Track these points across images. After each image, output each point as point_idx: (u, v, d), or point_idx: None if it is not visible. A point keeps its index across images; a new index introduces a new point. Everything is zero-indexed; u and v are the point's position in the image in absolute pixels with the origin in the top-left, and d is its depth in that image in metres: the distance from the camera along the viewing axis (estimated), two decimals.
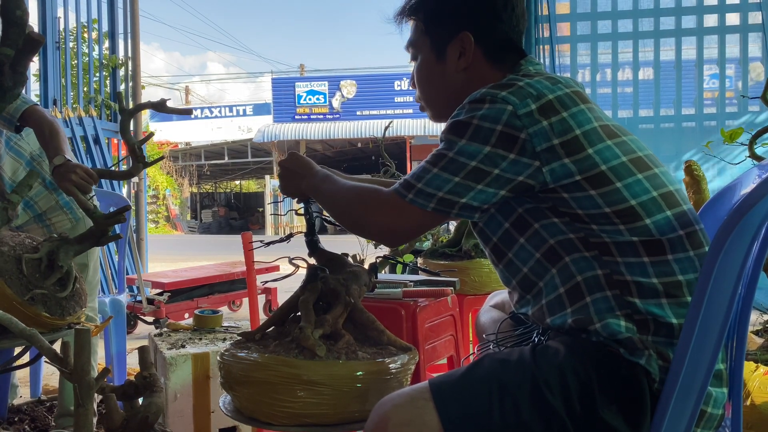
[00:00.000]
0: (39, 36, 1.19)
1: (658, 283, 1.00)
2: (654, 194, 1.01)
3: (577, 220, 1.02)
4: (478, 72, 1.19)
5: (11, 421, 2.32)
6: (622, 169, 1.01)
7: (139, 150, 1.63)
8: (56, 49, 4.70)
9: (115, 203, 2.81)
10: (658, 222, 1.00)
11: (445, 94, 1.23)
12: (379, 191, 1.12)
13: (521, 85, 1.03)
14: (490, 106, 1.02)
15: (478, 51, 1.18)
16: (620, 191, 1.00)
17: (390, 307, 1.73)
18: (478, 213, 1.06)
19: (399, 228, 1.10)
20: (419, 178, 1.05)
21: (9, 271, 1.35)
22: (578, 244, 1.03)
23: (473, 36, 1.17)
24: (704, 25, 4.11)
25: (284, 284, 1.61)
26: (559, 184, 1.01)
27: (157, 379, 1.27)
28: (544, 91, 1.02)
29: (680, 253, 1.01)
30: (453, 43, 1.19)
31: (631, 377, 0.97)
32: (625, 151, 1.03)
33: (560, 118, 1.00)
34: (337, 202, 1.20)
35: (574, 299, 1.03)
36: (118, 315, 2.65)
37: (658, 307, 0.99)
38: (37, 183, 2.15)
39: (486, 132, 1.01)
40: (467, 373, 1.01)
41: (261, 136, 18.06)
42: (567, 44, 4.23)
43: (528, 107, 1.00)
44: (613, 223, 1.00)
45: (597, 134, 1.01)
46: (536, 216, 1.06)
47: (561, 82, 1.06)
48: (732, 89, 4.25)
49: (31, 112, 1.95)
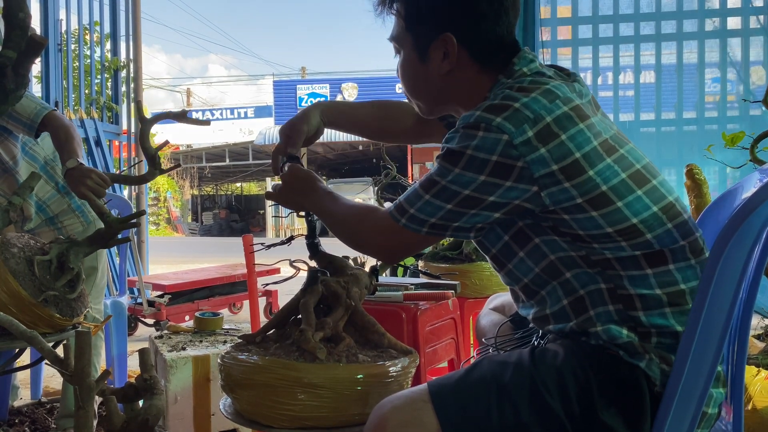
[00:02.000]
0: (41, 38, 1.20)
1: (662, 293, 0.99)
2: (654, 209, 1.00)
3: (578, 240, 1.01)
4: (465, 74, 1.12)
5: (11, 422, 2.32)
6: (622, 188, 0.99)
7: (158, 157, 1.64)
8: (58, 52, 4.70)
9: (118, 206, 2.81)
10: (659, 236, 1.00)
11: (431, 94, 1.18)
12: (377, 212, 1.13)
13: (517, 107, 0.97)
14: (485, 135, 0.97)
15: (463, 53, 1.10)
16: (621, 210, 0.98)
17: (391, 310, 1.73)
18: (473, 233, 1.06)
19: (395, 248, 1.12)
20: (412, 204, 1.04)
21: (21, 273, 1.36)
22: (579, 261, 1.02)
23: (456, 37, 1.09)
24: (705, 29, 4.11)
25: (285, 287, 1.62)
26: (560, 207, 0.99)
27: (158, 381, 1.26)
28: (541, 112, 0.97)
29: (681, 262, 1.01)
30: (436, 44, 1.11)
31: (631, 380, 0.97)
32: (624, 167, 1.00)
33: (559, 142, 0.96)
34: (337, 220, 1.20)
35: (578, 311, 1.02)
36: (120, 317, 2.65)
37: (662, 317, 0.99)
38: (50, 187, 2.20)
39: (480, 162, 0.98)
40: (466, 375, 1.02)
41: (262, 138, 18.07)
42: (568, 48, 4.23)
43: (525, 135, 0.96)
44: (615, 241, 0.99)
45: (597, 154, 0.98)
46: (537, 231, 1.05)
47: (559, 98, 0.99)
48: (733, 93, 4.25)
49: (51, 117, 2.00)
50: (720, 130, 3.71)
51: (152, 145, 1.61)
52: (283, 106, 18.35)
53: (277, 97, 18.65)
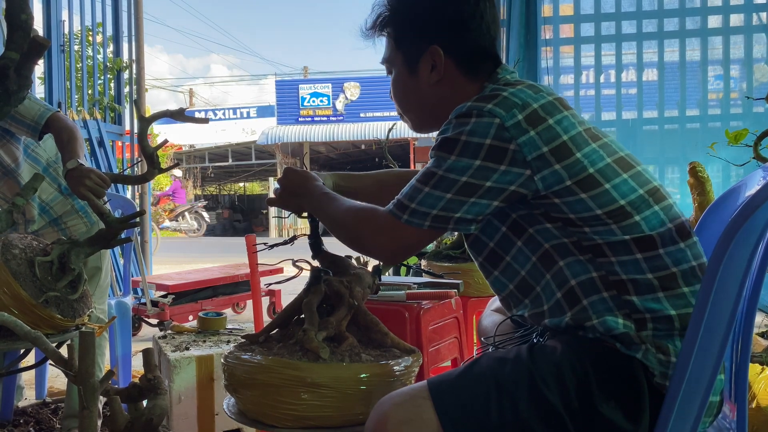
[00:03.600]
0: (44, 40, 1.20)
1: (653, 278, 1.01)
2: (640, 191, 1.04)
3: (569, 224, 1.04)
4: (452, 84, 1.19)
5: (16, 423, 2.33)
6: (608, 171, 1.03)
7: (156, 156, 1.65)
8: (61, 53, 4.71)
9: (121, 206, 2.82)
10: (647, 218, 1.03)
11: (421, 107, 1.25)
12: (376, 212, 1.13)
13: (505, 95, 1.04)
14: (477, 120, 1.03)
15: (449, 63, 1.18)
16: (609, 192, 1.02)
17: (393, 309, 1.73)
18: (474, 225, 1.07)
19: (398, 248, 1.12)
20: (412, 198, 1.07)
21: (23, 274, 1.37)
22: (572, 248, 1.04)
23: (442, 49, 1.17)
24: (708, 26, 4.10)
25: (288, 286, 1.62)
26: (551, 191, 1.02)
27: (162, 381, 1.27)
28: (528, 100, 1.04)
29: (670, 246, 1.03)
30: (424, 57, 1.19)
31: (628, 371, 0.98)
32: (608, 153, 1.05)
33: (546, 125, 1.02)
34: (336, 222, 1.20)
35: (572, 303, 1.04)
36: (124, 317, 2.65)
37: (655, 302, 1.00)
38: (53, 188, 2.20)
39: (475, 147, 1.02)
40: (465, 372, 1.03)
41: (265, 138, 18.07)
42: (571, 46, 4.23)
43: (515, 118, 1.02)
44: (606, 224, 1.02)
45: (582, 138, 1.04)
46: (530, 221, 1.08)
47: (542, 90, 1.08)
48: (736, 90, 4.23)
49: (55, 119, 2.01)
50: (723, 128, 3.71)
51: (152, 145, 1.62)
52: (285, 105, 18.35)
53: (280, 97, 18.63)
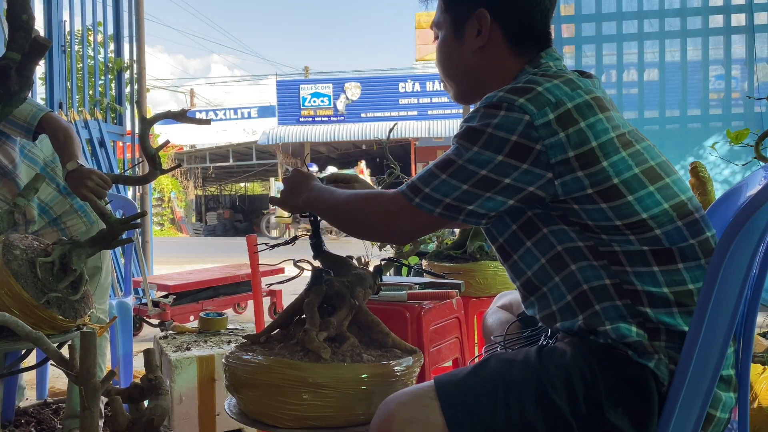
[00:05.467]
0: (45, 40, 1.20)
1: (669, 292, 0.99)
2: (665, 206, 1.00)
3: (586, 229, 1.01)
4: (495, 53, 1.15)
5: (17, 423, 2.33)
6: (634, 182, 0.99)
7: (157, 157, 1.64)
8: (62, 53, 4.71)
9: (122, 206, 2.82)
10: (669, 232, 1.00)
11: (463, 74, 1.21)
12: (384, 193, 1.11)
13: (540, 90, 0.99)
14: (507, 114, 0.99)
15: (496, 30, 1.14)
16: (631, 204, 0.98)
17: (395, 309, 1.73)
18: (485, 219, 1.05)
19: (404, 229, 1.09)
20: (427, 183, 1.04)
21: (24, 275, 1.37)
22: (587, 252, 1.02)
23: (490, 13, 1.13)
24: (709, 26, 4.10)
25: (289, 287, 1.62)
26: (570, 197, 0.99)
27: (163, 381, 1.27)
28: (563, 98, 0.99)
29: (691, 262, 1.00)
30: (470, 20, 1.15)
31: (639, 379, 0.96)
32: (638, 162, 1.00)
33: (578, 128, 0.98)
34: (337, 209, 1.18)
35: (584, 307, 1.02)
36: (125, 317, 2.65)
37: (669, 317, 0.98)
38: (52, 188, 2.20)
39: (499, 141, 0.99)
40: (473, 373, 1.02)
41: (266, 138, 18.08)
42: (572, 46, 4.22)
43: (546, 117, 0.97)
44: (624, 234, 0.99)
45: (613, 145, 0.99)
46: (545, 221, 1.05)
47: (581, 88, 1.02)
48: (738, 90, 4.23)
49: (48, 119, 1.99)
50: (724, 128, 3.70)
51: (153, 146, 1.62)
52: (286, 105, 18.36)
53: (281, 97, 18.64)
